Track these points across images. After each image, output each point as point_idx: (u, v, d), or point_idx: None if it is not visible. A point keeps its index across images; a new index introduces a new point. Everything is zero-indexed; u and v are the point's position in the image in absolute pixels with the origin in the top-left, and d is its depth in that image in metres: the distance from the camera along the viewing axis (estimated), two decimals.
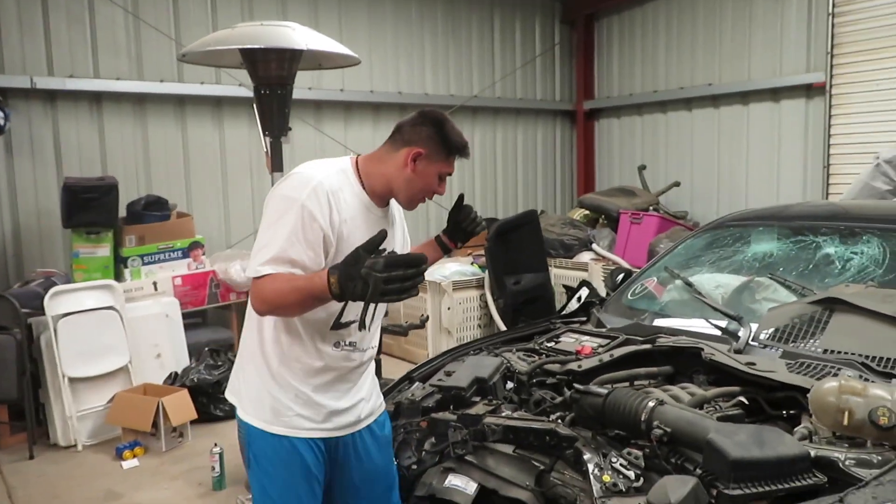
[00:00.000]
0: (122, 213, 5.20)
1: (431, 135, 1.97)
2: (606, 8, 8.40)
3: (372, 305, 1.92)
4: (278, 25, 3.35)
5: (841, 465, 1.68)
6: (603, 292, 5.89)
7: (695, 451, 1.77)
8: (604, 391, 1.99)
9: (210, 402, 4.62)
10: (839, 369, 2.14)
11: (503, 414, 2.24)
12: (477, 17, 7.91)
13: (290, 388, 1.97)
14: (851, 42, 5.96)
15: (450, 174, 2.03)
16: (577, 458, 1.93)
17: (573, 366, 2.51)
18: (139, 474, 4.02)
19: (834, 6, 6.06)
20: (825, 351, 2.28)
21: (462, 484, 2.08)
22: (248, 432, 2.01)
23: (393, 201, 2.11)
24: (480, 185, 8.15)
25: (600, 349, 2.66)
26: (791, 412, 2.15)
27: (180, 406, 4.27)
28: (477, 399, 2.38)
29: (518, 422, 2.12)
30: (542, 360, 2.60)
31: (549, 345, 2.84)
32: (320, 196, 1.83)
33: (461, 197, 2.38)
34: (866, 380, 2.01)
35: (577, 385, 2.10)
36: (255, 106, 3.67)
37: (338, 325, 1.97)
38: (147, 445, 4.27)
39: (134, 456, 4.16)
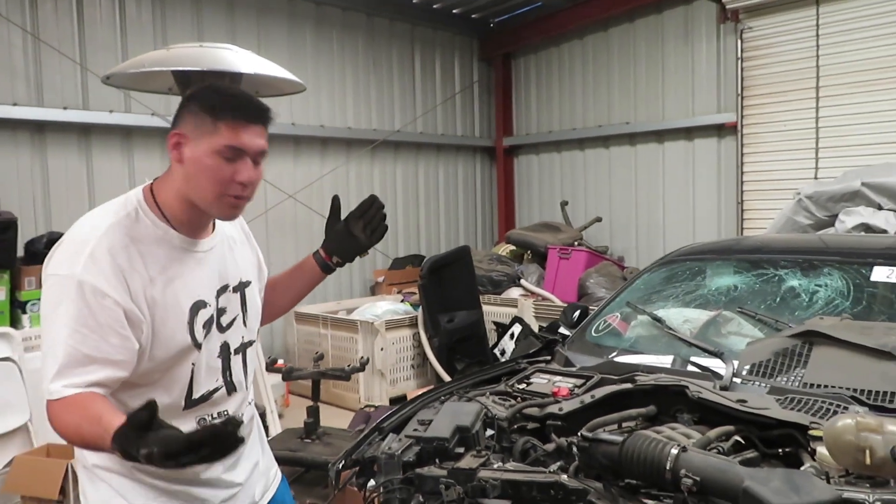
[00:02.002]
0: (20, 252, 4.68)
1: (190, 108, 1.48)
2: (523, 47, 8.57)
3: (238, 357, 1.64)
4: (218, 47, 3.10)
5: None
6: (535, 328, 5.87)
7: (727, 501, 1.65)
8: (618, 438, 1.85)
9: None
10: (831, 403, 2.11)
11: (495, 466, 2.06)
12: (398, 52, 7.85)
13: (161, 492, 1.56)
14: (760, 85, 6.30)
15: (238, 148, 1.46)
16: None
17: (553, 409, 2.38)
18: None
19: (742, 51, 6.39)
20: (811, 385, 2.26)
21: None
22: None
23: (231, 222, 1.71)
24: (403, 221, 8.00)
25: (577, 390, 2.54)
26: (787, 450, 2.10)
27: None
28: (461, 450, 2.19)
29: (517, 475, 1.95)
30: (520, 405, 2.45)
31: (521, 387, 2.70)
32: (101, 262, 1.40)
33: (335, 200, 1.91)
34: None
35: (584, 432, 1.95)
36: None
37: (192, 402, 1.56)
38: None
39: None
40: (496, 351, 5.92)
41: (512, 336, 5.91)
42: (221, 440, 1.12)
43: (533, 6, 8.09)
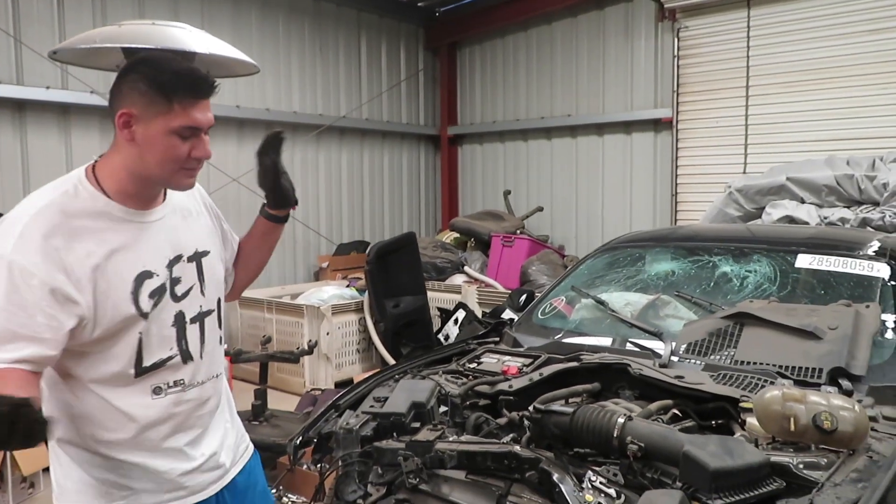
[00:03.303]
0: None
1: (135, 83, 1.46)
2: (468, 37, 8.67)
3: (195, 326, 1.64)
4: (171, 26, 3.06)
5: (793, 469, 1.78)
6: (479, 313, 5.99)
7: (668, 465, 1.79)
8: (569, 410, 1.98)
9: None
10: (759, 378, 2.29)
11: (451, 439, 2.16)
12: (344, 37, 7.83)
13: (119, 463, 1.57)
14: (695, 83, 6.58)
15: (194, 127, 1.50)
16: (543, 480, 1.89)
17: (504, 386, 2.49)
18: None
19: (679, 49, 6.65)
20: (741, 362, 2.44)
21: None
22: None
23: (186, 193, 1.72)
24: (348, 207, 8.01)
25: (526, 368, 2.66)
26: (720, 422, 2.26)
27: (32, 451, 3.71)
28: (417, 425, 2.27)
29: (473, 446, 2.05)
30: (473, 382, 2.55)
31: (472, 366, 2.80)
32: (31, 243, 1.40)
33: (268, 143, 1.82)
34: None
35: (537, 405, 2.06)
36: None
37: (143, 370, 1.57)
38: None
39: None
40: (440, 336, 6.02)
41: (456, 321, 6.01)
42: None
43: None
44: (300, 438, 2.37)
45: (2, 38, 5.20)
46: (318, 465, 2.41)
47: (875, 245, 2.89)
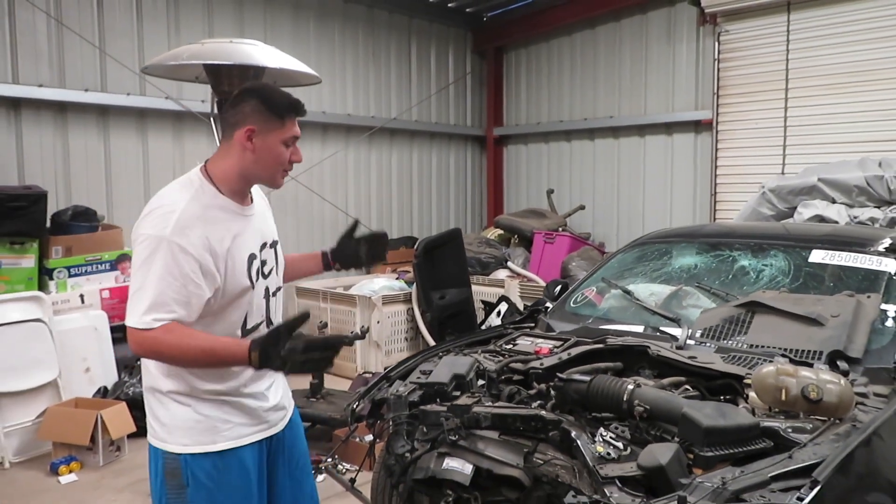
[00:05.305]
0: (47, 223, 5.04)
1: (255, 107, 1.90)
2: (514, 41, 8.96)
3: (274, 299, 2.08)
4: (246, 43, 3.48)
5: (782, 432, 2.05)
6: (521, 306, 6.30)
7: (670, 424, 2.09)
8: (586, 378, 2.29)
9: (145, 416, 4.54)
10: (764, 359, 2.55)
11: (487, 404, 2.49)
12: (395, 43, 8.22)
13: (223, 402, 1.95)
14: (735, 85, 6.73)
15: (296, 138, 1.96)
16: (564, 439, 2.20)
17: (535, 364, 2.80)
18: (80, 489, 3.90)
19: (719, 53, 6.82)
20: (751, 346, 2.70)
21: (459, 465, 2.30)
22: (183, 463, 1.94)
23: (254, 190, 2.09)
24: (397, 204, 8.41)
25: (556, 349, 2.97)
26: (727, 397, 2.54)
27: (119, 419, 4.19)
28: (457, 394, 2.61)
29: (505, 409, 2.38)
30: (508, 360, 2.87)
31: (508, 347, 3.12)
32: (186, 227, 1.80)
33: (356, 222, 2.45)
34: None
35: (559, 374, 2.38)
36: (212, 120, 3.76)
37: (246, 332, 2.00)
38: (83, 460, 4.16)
39: (71, 471, 4.04)
40: (483, 327, 6.35)
41: (499, 314, 6.34)
42: (332, 346, 1.79)
43: (524, 2, 8.48)
44: (357, 403, 2.74)
45: (88, 50, 5.73)
46: (372, 427, 2.77)
47: (887, 242, 3.09)
